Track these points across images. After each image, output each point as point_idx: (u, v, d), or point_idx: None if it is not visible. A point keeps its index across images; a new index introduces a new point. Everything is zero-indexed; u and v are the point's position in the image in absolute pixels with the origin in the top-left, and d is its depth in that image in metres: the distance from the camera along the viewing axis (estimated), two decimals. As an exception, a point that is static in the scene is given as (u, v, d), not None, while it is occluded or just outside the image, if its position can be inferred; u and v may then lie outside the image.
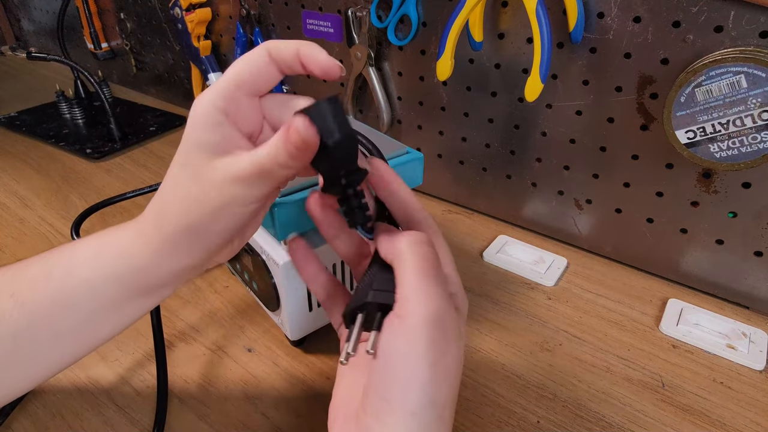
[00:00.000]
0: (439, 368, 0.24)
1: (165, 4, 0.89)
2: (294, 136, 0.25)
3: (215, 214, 0.27)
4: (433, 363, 0.24)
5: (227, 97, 0.27)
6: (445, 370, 0.25)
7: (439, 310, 0.25)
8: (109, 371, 0.44)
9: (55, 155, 0.82)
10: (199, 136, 0.27)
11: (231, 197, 0.26)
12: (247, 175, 0.26)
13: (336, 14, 0.66)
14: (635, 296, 0.53)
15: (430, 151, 0.68)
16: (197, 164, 0.27)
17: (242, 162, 0.26)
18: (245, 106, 0.28)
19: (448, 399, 0.25)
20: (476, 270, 0.57)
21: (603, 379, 0.44)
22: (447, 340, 0.25)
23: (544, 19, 0.46)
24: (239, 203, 0.27)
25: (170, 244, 0.28)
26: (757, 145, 0.41)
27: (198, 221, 0.27)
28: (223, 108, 0.27)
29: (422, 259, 0.27)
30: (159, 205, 0.28)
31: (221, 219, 0.27)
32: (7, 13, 1.34)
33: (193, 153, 0.27)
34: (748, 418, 0.41)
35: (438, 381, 0.24)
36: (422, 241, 0.28)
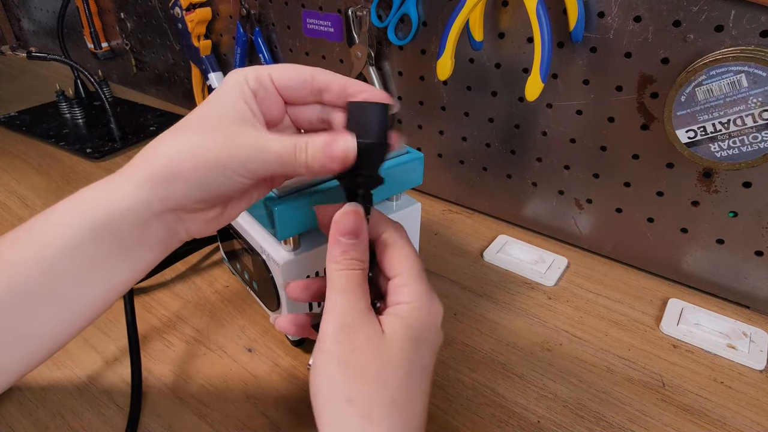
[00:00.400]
0: (350, 368, 0.25)
1: (165, 3, 0.89)
2: (338, 154, 0.27)
3: (212, 169, 0.27)
4: (342, 362, 0.25)
5: (260, 82, 0.29)
6: (357, 368, 0.25)
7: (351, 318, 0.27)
8: (110, 371, 0.44)
9: (55, 155, 0.82)
10: (229, 102, 0.28)
11: (238, 161, 0.27)
12: (272, 154, 0.27)
13: (336, 14, 0.66)
14: (636, 296, 0.53)
15: (431, 151, 0.68)
16: (217, 120, 0.28)
17: (269, 140, 0.27)
18: (273, 98, 0.30)
19: (370, 397, 0.25)
20: (476, 270, 0.57)
21: (603, 379, 0.44)
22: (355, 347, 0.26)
23: (544, 18, 0.46)
24: (237, 170, 0.27)
25: (151, 180, 0.27)
26: (757, 145, 0.41)
27: (190, 168, 0.27)
28: (254, 88, 0.29)
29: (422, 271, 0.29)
30: (153, 147, 0.28)
31: (213, 175, 0.27)
32: (7, 13, 1.34)
33: (217, 110, 0.28)
34: (749, 418, 0.41)
35: (349, 378, 0.25)
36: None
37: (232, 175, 0.27)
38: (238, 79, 0.29)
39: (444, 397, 0.42)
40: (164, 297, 0.53)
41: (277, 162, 0.27)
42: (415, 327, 0.27)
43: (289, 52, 0.76)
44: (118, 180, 0.28)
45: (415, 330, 0.27)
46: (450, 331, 0.49)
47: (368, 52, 0.64)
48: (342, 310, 0.27)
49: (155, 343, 0.47)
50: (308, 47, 0.73)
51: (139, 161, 0.28)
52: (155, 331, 0.49)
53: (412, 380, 0.26)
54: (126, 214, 0.27)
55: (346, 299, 0.27)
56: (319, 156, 0.27)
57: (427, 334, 0.28)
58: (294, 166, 0.28)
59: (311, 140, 0.28)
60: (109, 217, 0.27)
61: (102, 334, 0.48)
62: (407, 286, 0.28)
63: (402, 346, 0.26)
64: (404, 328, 0.27)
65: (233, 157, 0.27)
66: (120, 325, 0.49)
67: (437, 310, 0.29)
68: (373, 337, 0.26)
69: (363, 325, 0.26)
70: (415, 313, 0.28)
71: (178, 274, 0.56)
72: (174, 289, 0.54)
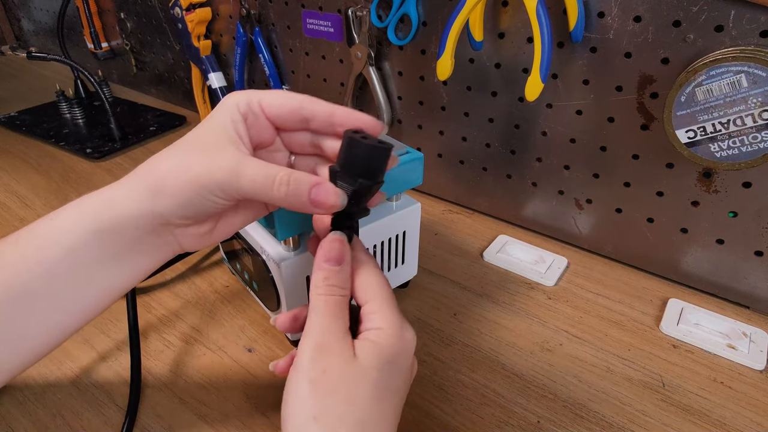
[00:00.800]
0: (320, 387, 0.26)
1: (165, 3, 0.89)
2: (323, 200, 0.28)
3: (189, 187, 0.28)
4: (313, 381, 0.26)
5: (251, 107, 0.30)
6: (327, 388, 0.26)
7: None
8: (110, 371, 0.44)
9: (55, 155, 0.82)
10: (219, 123, 0.30)
11: (211, 180, 0.28)
12: (247, 179, 0.28)
13: (336, 14, 0.66)
14: (635, 296, 0.53)
15: (431, 151, 0.68)
16: (206, 141, 0.29)
17: (247, 164, 0.28)
18: (262, 123, 0.31)
19: (337, 416, 0.26)
20: (476, 270, 0.57)
21: (603, 379, 0.44)
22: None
23: (544, 18, 0.46)
24: (213, 191, 0.28)
25: (148, 191, 0.28)
26: (757, 145, 0.41)
27: (174, 185, 0.28)
28: (243, 112, 0.30)
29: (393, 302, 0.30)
30: (152, 162, 0.29)
31: (190, 194, 0.28)
32: (7, 13, 1.34)
33: (209, 131, 0.29)
34: (749, 418, 0.41)
35: (318, 397, 0.26)
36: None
37: (208, 195, 0.28)
38: (231, 102, 0.30)
39: (444, 397, 0.42)
40: (164, 297, 0.53)
41: (251, 188, 0.28)
42: (386, 352, 0.28)
43: (289, 52, 0.76)
44: (122, 188, 0.29)
45: (386, 355, 0.28)
46: (450, 331, 0.49)
47: (368, 52, 0.64)
48: (318, 332, 0.28)
49: (155, 343, 0.47)
50: (308, 47, 0.73)
51: (140, 172, 0.30)
52: (155, 330, 0.49)
53: (381, 403, 0.27)
54: (128, 221, 0.29)
55: (324, 321, 0.28)
56: (303, 198, 0.28)
57: (399, 359, 0.28)
58: (270, 195, 0.28)
59: (295, 176, 0.28)
60: (113, 222, 0.28)
61: (102, 334, 0.48)
62: (378, 313, 0.29)
63: (372, 368, 0.27)
64: (375, 351, 0.28)
65: (210, 178, 0.28)
66: (120, 325, 0.49)
67: (410, 338, 0.30)
68: (346, 359, 0.27)
69: (337, 347, 0.27)
70: (387, 339, 0.28)
71: (178, 274, 0.56)
72: (174, 289, 0.54)
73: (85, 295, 0.29)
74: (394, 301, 0.30)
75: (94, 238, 0.28)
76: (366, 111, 0.71)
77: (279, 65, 0.79)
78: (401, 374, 0.29)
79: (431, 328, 0.49)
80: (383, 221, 0.45)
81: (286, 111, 0.31)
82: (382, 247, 0.46)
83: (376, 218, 0.45)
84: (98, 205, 0.29)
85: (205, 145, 0.29)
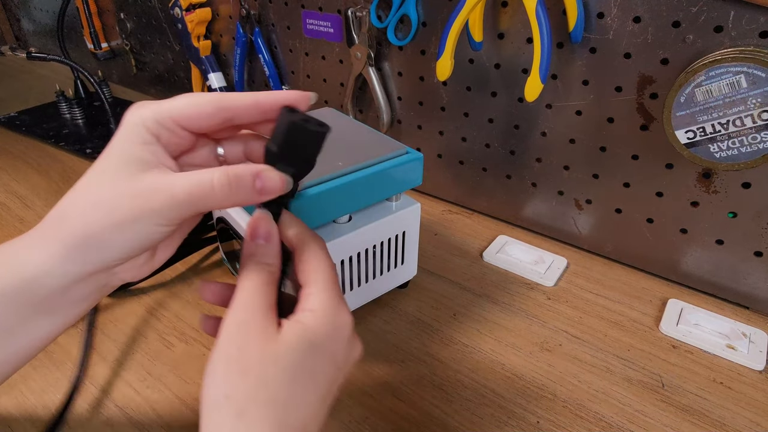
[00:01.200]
0: (234, 365, 0.25)
1: (165, 4, 0.89)
2: (270, 187, 0.27)
3: (122, 225, 0.26)
4: (228, 359, 0.25)
5: (161, 123, 0.27)
6: (241, 366, 0.25)
7: None
8: (110, 371, 0.44)
9: (55, 155, 0.82)
10: (126, 150, 0.27)
11: (146, 211, 0.26)
12: (182, 195, 0.26)
13: (336, 14, 0.66)
14: (635, 296, 0.53)
15: (430, 151, 0.68)
16: (120, 172, 0.26)
17: (181, 181, 0.26)
18: (179, 135, 0.28)
19: (248, 394, 0.25)
20: (476, 270, 0.57)
21: (603, 379, 0.44)
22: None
23: (543, 19, 0.46)
24: (153, 220, 0.26)
25: (66, 249, 0.26)
26: (756, 145, 0.41)
27: (100, 230, 0.26)
28: (155, 132, 0.27)
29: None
30: (61, 210, 0.27)
31: (126, 232, 0.26)
32: (7, 13, 1.34)
33: (117, 162, 0.26)
34: (748, 419, 0.41)
35: (231, 375, 0.25)
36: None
37: (148, 228, 0.26)
38: (136, 122, 0.27)
39: (444, 397, 0.42)
40: (164, 297, 0.53)
41: (190, 202, 0.26)
42: (313, 334, 0.27)
43: (288, 52, 0.76)
44: (33, 243, 0.27)
45: (311, 337, 0.27)
46: (450, 331, 0.49)
47: (368, 53, 0.64)
48: (240, 308, 0.27)
49: (155, 343, 0.47)
50: (308, 48, 0.73)
51: (49, 225, 0.27)
52: (155, 331, 0.49)
53: (297, 384, 0.26)
54: (43, 281, 0.27)
55: (247, 298, 0.27)
56: (248, 191, 0.27)
57: (327, 343, 0.27)
58: (214, 200, 0.26)
59: (234, 171, 0.27)
60: (28, 282, 0.26)
61: (102, 334, 0.48)
62: (314, 295, 0.28)
63: (292, 349, 0.26)
64: (300, 332, 0.27)
65: (146, 209, 0.26)
66: (121, 325, 0.49)
67: (344, 322, 0.29)
68: (266, 337, 0.26)
69: (258, 325, 0.26)
70: (315, 321, 0.27)
71: (178, 274, 0.56)
72: (174, 289, 0.54)
73: (4, 351, 0.28)
74: (333, 284, 0.29)
75: (4, 301, 0.26)
76: (366, 111, 0.71)
77: (279, 66, 0.79)
78: (328, 359, 0.27)
79: (431, 328, 0.49)
80: (383, 221, 0.45)
81: (202, 118, 0.28)
82: (382, 247, 0.47)
83: (376, 218, 0.45)
84: (5, 266, 0.27)
85: (118, 178, 0.26)
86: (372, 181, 0.42)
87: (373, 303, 0.51)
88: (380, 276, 0.48)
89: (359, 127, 0.49)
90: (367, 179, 0.42)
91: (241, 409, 0.24)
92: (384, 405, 0.42)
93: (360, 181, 0.41)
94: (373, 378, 0.44)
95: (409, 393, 0.43)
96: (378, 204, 0.47)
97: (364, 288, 0.47)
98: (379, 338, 0.48)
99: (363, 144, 0.45)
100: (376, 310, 0.51)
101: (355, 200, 0.43)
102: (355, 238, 0.44)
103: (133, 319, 0.50)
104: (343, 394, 0.42)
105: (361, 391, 0.43)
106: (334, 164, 0.41)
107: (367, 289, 0.48)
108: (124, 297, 0.52)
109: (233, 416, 0.24)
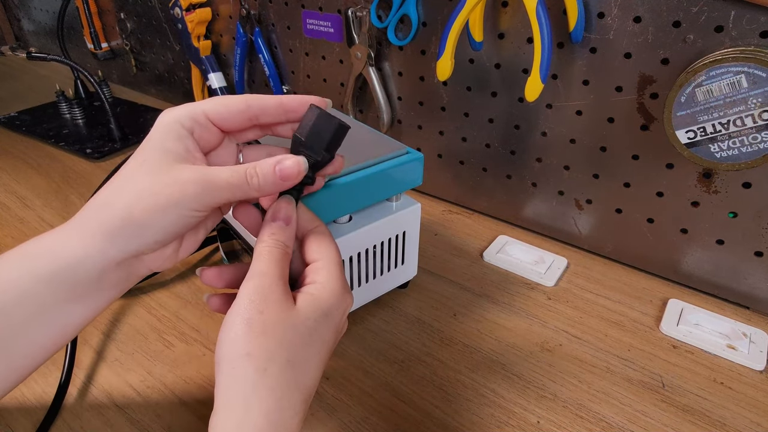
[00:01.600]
0: (255, 326, 0.27)
1: (165, 4, 0.89)
2: (289, 172, 0.30)
3: (163, 209, 0.28)
4: (249, 321, 0.27)
5: (196, 120, 0.30)
6: (262, 328, 0.27)
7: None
8: (110, 371, 0.44)
9: (55, 155, 0.82)
10: (164, 143, 0.29)
11: (188, 198, 0.28)
12: (221, 182, 0.29)
13: (336, 14, 0.66)
14: (635, 296, 0.53)
15: (430, 151, 0.68)
16: (158, 163, 0.29)
17: (216, 171, 0.29)
18: (211, 132, 0.31)
19: (268, 353, 0.27)
20: (476, 270, 0.57)
21: (603, 380, 0.44)
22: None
23: (544, 18, 0.46)
24: (190, 205, 0.29)
25: (107, 234, 0.28)
26: (757, 145, 0.41)
27: (144, 213, 0.28)
28: (189, 127, 0.30)
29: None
30: (103, 199, 0.29)
31: (166, 216, 0.28)
32: (7, 13, 1.34)
33: (155, 155, 0.29)
34: (748, 419, 0.41)
35: (252, 335, 0.27)
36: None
37: (185, 212, 0.29)
38: (171, 120, 0.30)
39: (444, 397, 0.42)
40: (164, 297, 0.53)
41: (229, 189, 0.29)
42: (324, 304, 0.30)
43: (289, 52, 0.76)
44: (72, 232, 0.29)
45: (322, 307, 0.29)
46: (450, 331, 0.49)
47: (368, 53, 0.64)
48: (259, 276, 0.29)
49: (155, 343, 0.47)
50: (308, 48, 0.73)
51: (91, 213, 0.29)
52: (155, 331, 0.49)
53: (310, 348, 0.29)
54: (81, 266, 0.28)
55: (265, 267, 0.29)
56: (270, 178, 0.30)
57: (334, 313, 0.30)
58: (246, 190, 0.30)
59: (259, 165, 0.30)
60: (64, 268, 0.28)
61: (102, 334, 0.48)
62: (324, 269, 0.31)
63: (307, 317, 0.29)
64: (313, 302, 0.29)
65: (184, 194, 0.28)
66: (121, 325, 0.49)
67: (347, 299, 0.31)
68: (283, 304, 0.28)
69: (274, 293, 0.28)
70: (326, 292, 0.30)
71: (178, 274, 0.56)
72: (174, 289, 0.54)
73: (40, 337, 0.29)
74: (341, 265, 0.32)
75: (46, 285, 0.28)
76: (366, 111, 0.71)
77: (279, 65, 0.79)
78: (333, 327, 0.30)
79: (431, 328, 0.49)
80: (383, 221, 0.45)
81: (233, 115, 0.31)
82: (382, 248, 0.46)
83: (376, 218, 0.45)
84: (47, 251, 0.28)
85: (158, 168, 0.29)
86: (372, 181, 0.42)
87: (374, 303, 0.51)
88: (380, 276, 0.48)
89: (359, 127, 0.49)
90: (367, 179, 0.42)
91: (261, 365, 0.26)
92: (384, 405, 0.42)
93: (360, 181, 0.41)
94: (373, 378, 0.44)
95: (409, 393, 0.43)
96: (378, 204, 0.47)
97: (364, 288, 0.47)
98: (379, 338, 0.48)
99: (363, 144, 0.45)
100: (376, 310, 0.51)
101: (355, 200, 0.43)
102: (355, 238, 0.44)
103: (133, 319, 0.50)
104: (343, 394, 0.42)
105: (361, 391, 0.43)
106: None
107: (368, 289, 0.48)
108: (124, 297, 0.52)
109: (257, 372, 0.26)
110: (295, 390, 0.28)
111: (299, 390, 0.28)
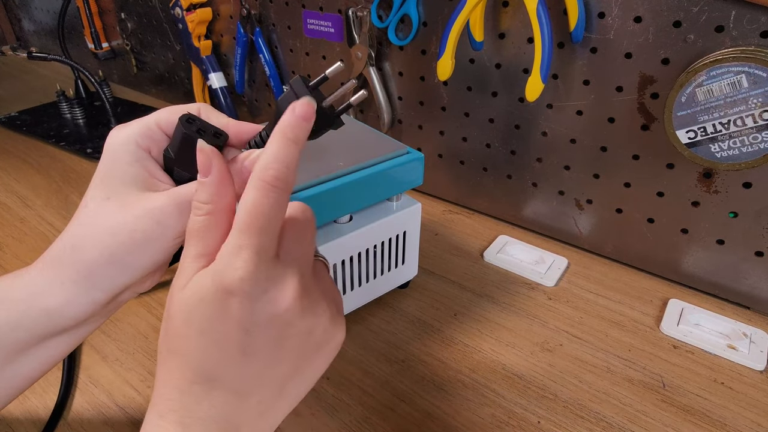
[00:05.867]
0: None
1: (166, 4, 0.89)
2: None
3: (145, 244, 0.26)
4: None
5: (150, 137, 0.28)
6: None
7: None
8: (110, 371, 0.44)
9: (55, 155, 0.82)
10: (125, 170, 0.27)
11: (166, 227, 0.26)
12: (186, 204, 0.26)
13: (336, 14, 0.66)
14: (636, 296, 0.53)
15: (431, 151, 0.68)
16: (125, 197, 0.26)
17: (183, 190, 0.27)
18: (163, 142, 0.29)
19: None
20: (476, 270, 0.57)
21: (604, 380, 0.44)
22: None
23: (544, 18, 0.46)
24: (173, 234, 0.26)
25: (88, 278, 0.27)
26: (757, 145, 0.41)
27: (125, 251, 0.26)
28: (146, 147, 0.28)
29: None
30: (74, 240, 0.27)
31: (148, 249, 0.27)
32: (7, 13, 1.34)
33: (118, 186, 0.27)
34: (749, 419, 0.41)
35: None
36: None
37: (167, 243, 0.27)
38: (123, 141, 0.27)
39: (444, 397, 0.42)
40: (164, 296, 0.53)
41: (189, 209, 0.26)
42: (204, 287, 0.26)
43: (289, 52, 0.76)
44: (46, 277, 0.27)
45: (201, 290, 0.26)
46: (450, 331, 0.49)
47: (369, 53, 0.64)
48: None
49: (155, 343, 0.47)
50: (308, 47, 0.73)
51: (61, 256, 0.27)
52: (156, 330, 0.49)
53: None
54: (65, 311, 0.27)
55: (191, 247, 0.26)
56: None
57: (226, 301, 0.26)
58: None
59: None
60: (44, 316, 0.27)
61: (102, 334, 0.48)
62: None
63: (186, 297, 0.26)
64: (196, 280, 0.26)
65: (162, 225, 0.26)
66: (122, 325, 0.49)
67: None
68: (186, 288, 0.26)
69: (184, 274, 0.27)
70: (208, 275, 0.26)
71: (178, 274, 0.56)
72: (174, 289, 0.54)
73: (21, 371, 0.28)
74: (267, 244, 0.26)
75: (23, 328, 0.27)
76: (366, 111, 0.71)
77: (279, 65, 0.79)
78: (227, 317, 0.26)
79: (431, 328, 0.49)
80: (384, 221, 0.45)
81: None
82: (383, 247, 0.46)
83: (376, 218, 0.45)
84: (20, 298, 0.27)
85: (130, 201, 0.26)
86: (372, 181, 0.42)
87: (374, 303, 0.51)
88: (381, 276, 0.48)
89: (360, 127, 0.49)
90: (367, 179, 0.42)
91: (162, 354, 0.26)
92: (384, 405, 0.42)
93: (361, 181, 0.41)
94: (373, 378, 0.44)
95: (409, 393, 0.43)
96: (379, 204, 0.47)
97: (364, 288, 0.47)
98: (380, 338, 0.48)
99: (363, 144, 0.45)
100: (376, 310, 0.51)
101: (355, 200, 0.43)
102: (355, 238, 0.44)
103: (133, 319, 0.50)
104: (344, 394, 0.42)
105: (361, 391, 0.43)
106: (335, 164, 0.41)
107: (368, 289, 0.48)
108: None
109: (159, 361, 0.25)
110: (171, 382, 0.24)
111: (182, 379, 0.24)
